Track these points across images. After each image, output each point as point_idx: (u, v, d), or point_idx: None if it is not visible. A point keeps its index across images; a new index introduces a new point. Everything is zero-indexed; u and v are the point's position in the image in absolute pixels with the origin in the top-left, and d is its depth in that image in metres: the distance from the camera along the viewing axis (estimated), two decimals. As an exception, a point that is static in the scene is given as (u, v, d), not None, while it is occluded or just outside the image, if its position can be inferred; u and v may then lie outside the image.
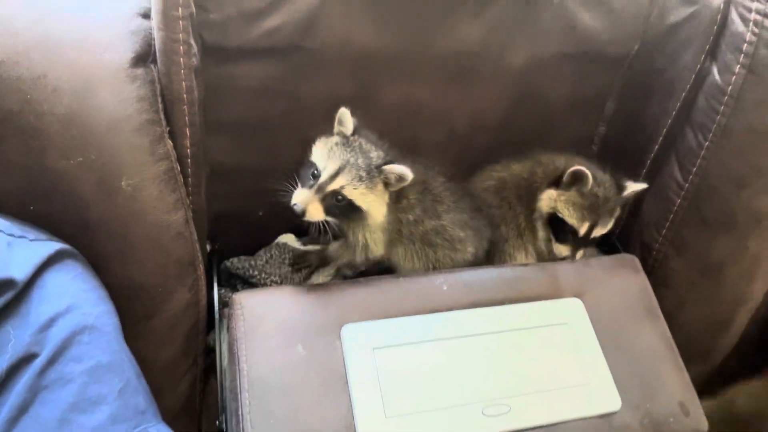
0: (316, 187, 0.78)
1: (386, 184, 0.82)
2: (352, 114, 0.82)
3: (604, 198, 0.94)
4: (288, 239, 1.08)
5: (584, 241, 0.97)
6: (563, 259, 0.97)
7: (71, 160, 0.68)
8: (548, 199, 0.97)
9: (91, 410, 0.60)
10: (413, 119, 0.98)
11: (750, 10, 0.83)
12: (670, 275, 1.01)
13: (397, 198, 0.86)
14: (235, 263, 1.02)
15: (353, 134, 0.82)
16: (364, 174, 0.79)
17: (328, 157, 0.80)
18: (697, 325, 1.04)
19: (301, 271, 1.02)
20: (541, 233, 1.01)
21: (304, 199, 0.78)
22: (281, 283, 1.01)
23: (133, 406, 0.64)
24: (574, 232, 0.96)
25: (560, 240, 0.98)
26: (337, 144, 0.81)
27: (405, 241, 0.91)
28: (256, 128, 0.93)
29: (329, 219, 0.80)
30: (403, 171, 0.79)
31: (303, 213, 0.78)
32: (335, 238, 0.84)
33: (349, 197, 0.79)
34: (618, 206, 0.97)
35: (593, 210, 0.94)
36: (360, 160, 0.80)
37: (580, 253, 0.97)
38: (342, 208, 0.80)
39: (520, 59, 0.96)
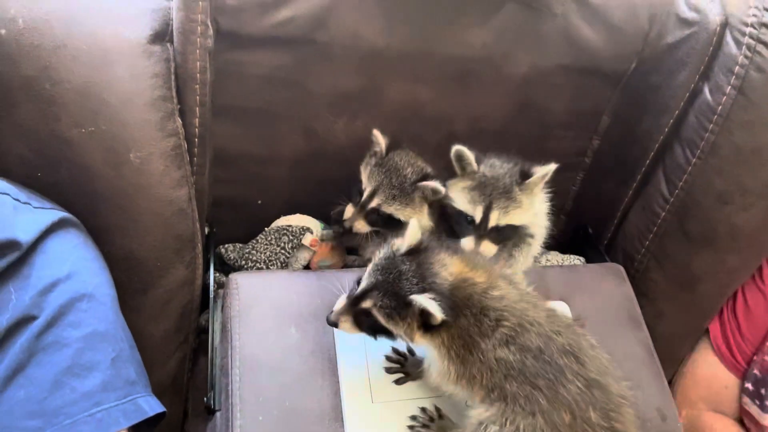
0: (359, 205, 0.92)
1: (425, 197, 0.91)
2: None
3: (493, 177, 0.88)
4: (290, 221, 1.04)
5: (485, 230, 0.88)
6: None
7: (83, 129, 0.69)
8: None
9: (85, 375, 0.61)
10: (415, 118, 1.01)
11: (744, 34, 0.87)
12: (650, 286, 1.05)
13: None
14: (229, 251, 1.03)
15: (387, 153, 0.92)
16: (397, 192, 0.90)
17: (367, 178, 0.92)
18: (671, 335, 1.07)
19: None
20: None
21: (351, 217, 0.92)
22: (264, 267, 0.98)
23: (124, 375, 0.65)
24: (470, 220, 0.89)
25: (462, 233, 0.90)
26: (374, 165, 0.92)
27: None
28: (260, 116, 0.95)
29: (375, 228, 0.93)
30: (436, 186, 0.88)
31: (351, 228, 0.92)
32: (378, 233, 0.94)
33: (387, 212, 0.91)
34: (522, 192, 0.89)
35: (482, 191, 0.88)
36: (393, 180, 0.90)
37: (487, 245, 0.88)
38: (383, 220, 0.91)
39: (522, 68, 0.99)
